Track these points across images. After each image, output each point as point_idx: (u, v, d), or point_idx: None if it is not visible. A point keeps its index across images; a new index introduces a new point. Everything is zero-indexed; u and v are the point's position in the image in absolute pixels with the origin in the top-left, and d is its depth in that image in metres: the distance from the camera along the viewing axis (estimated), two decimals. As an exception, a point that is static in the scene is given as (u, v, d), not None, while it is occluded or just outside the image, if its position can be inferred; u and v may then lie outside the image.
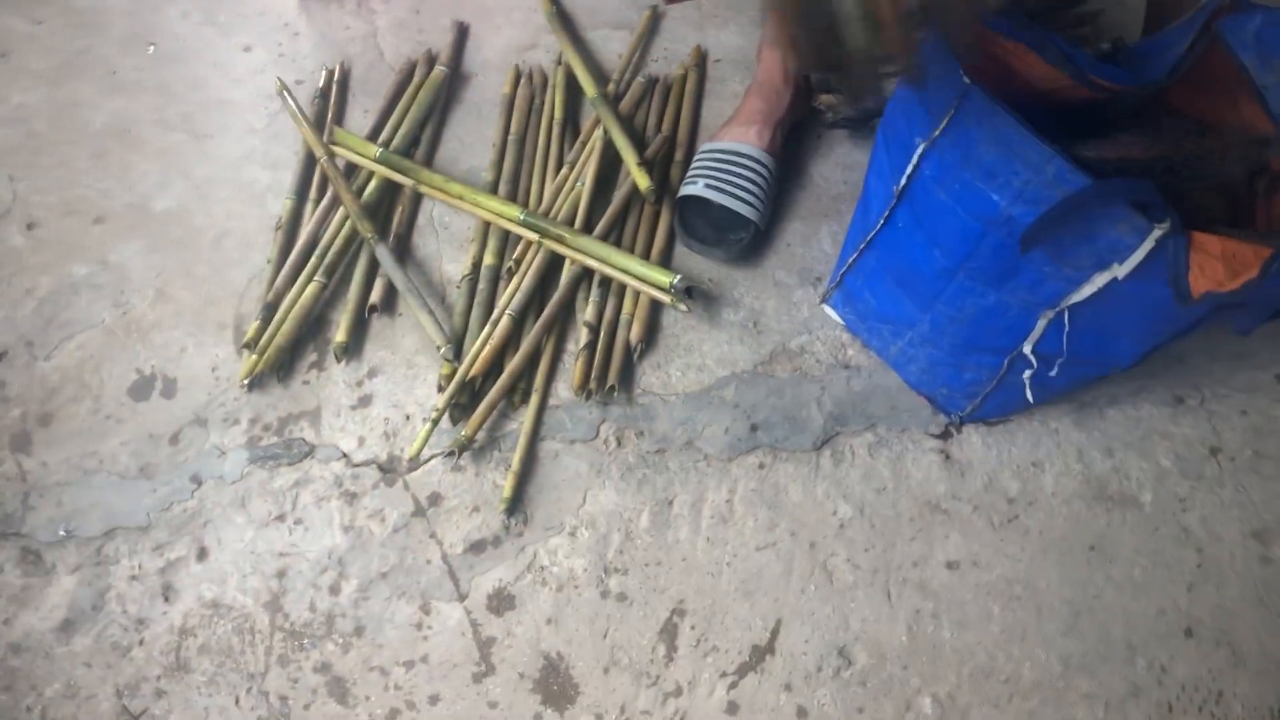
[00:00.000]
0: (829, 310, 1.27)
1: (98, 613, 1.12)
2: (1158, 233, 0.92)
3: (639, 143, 1.38)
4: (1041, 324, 1.06)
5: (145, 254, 1.37)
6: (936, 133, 1.00)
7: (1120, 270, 0.97)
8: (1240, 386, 1.23)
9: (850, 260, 1.19)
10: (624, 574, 1.13)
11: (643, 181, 1.28)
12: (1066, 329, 1.06)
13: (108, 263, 1.36)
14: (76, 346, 1.29)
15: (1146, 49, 1.15)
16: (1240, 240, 0.92)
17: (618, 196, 1.30)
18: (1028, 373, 1.11)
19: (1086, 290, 1.00)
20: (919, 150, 1.03)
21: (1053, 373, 1.10)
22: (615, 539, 1.15)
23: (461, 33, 1.56)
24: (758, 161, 1.30)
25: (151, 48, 1.60)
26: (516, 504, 1.16)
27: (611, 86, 1.44)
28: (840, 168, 1.39)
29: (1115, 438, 1.20)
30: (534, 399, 1.21)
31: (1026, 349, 1.09)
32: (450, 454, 1.17)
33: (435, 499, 1.17)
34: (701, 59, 1.50)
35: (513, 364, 1.21)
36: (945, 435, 1.21)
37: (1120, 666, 1.06)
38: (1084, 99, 1.15)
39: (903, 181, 1.07)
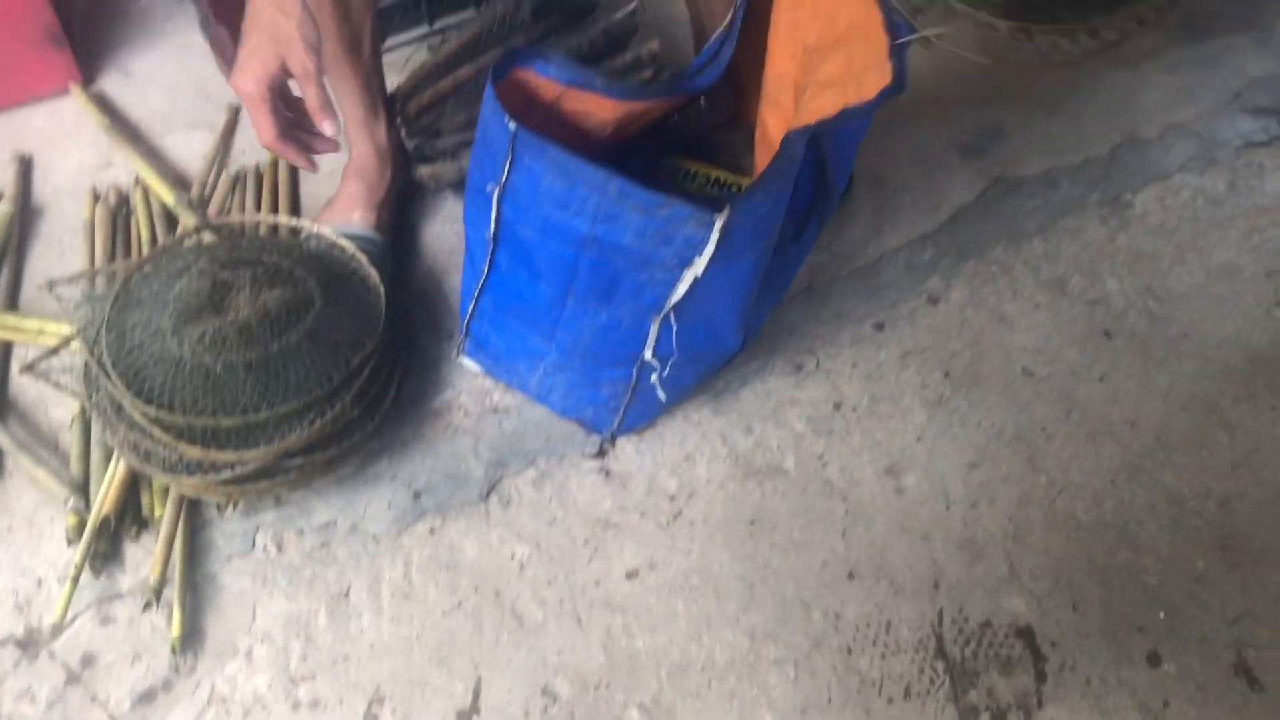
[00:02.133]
0: (467, 361, 1.28)
1: None
2: (719, 221, 1.00)
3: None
4: (654, 329, 1.11)
5: None
6: (503, 178, 1.04)
7: (701, 263, 1.04)
8: (846, 342, 1.35)
9: (470, 309, 1.21)
10: (312, 680, 1.08)
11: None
12: (675, 328, 1.12)
13: None
14: None
15: (694, 65, 1.26)
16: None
17: None
18: (654, 375, 1.16)
19: (681, 289, 1.07)
20: (494, 196, 1.06)
21: (675, 371, 1.16)
22: (296, 646, 1.10)
23: (25, 165, 1.46)
24: (368, 239, 1.30)
25: None
26: (184, 640, 1.09)
27: (196, 189, 1.40)
28: (449, 221, 1.41)
29: (752, 414, 1.28)
30: (180, 527, 1.14)
31: (647, 355, 1.14)
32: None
33: (89, 659, 1.08)
34: (290, 144, 1.47)
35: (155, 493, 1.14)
36: (601, 453, 1.24)
37: (799, 624, 1.13)
38: (643, 126, 1.23)
39: (491, 227, 1.10)
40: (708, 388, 1.29)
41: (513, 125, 1.01)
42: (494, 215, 1.08)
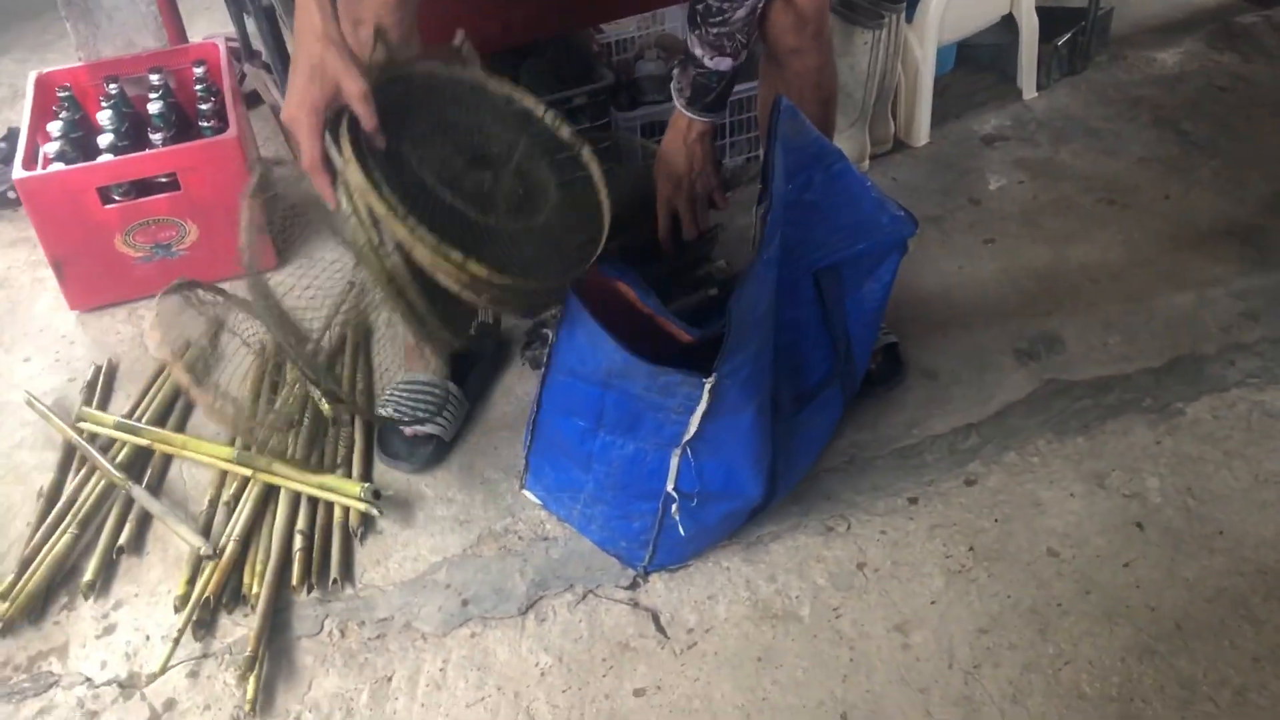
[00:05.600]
0: (528, 494, 1.46)
1: None
2: (709, 383, 1.17)
3: (333, 381, 1.58)
4: (675, 462, 1.28)
5: (-85, 537, 1.50)
6: (558, 328, 1.27)
7: (700, 412, 1.21)
8: (879, 512, 1.45)
9: (529, 443, 1.41)
10: (344, 747, 1.23)
11: (325, 410, 1.55)
12: (694, 464, 1.28)
13: (-123, 549, 1.49)
14: None
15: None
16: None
17: (307, 426, 1.54)
18: (675, 506, 1.30)
19: (692, 428, 1.23)
20: (549, 342, 1.29)
21: (695, 505, 1.31)
22: (336, 718, 1.25)
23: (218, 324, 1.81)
24: (430, 385, 1.55)
25: (-60, 371, 1.80)
26: (254, 702, 1.26)
27: (311, 345, 1.69)
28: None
29: (778, 566, 1.39)
30: (262, 606, 1.34)
31: (669, 487, 1.29)
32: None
33: (170, 705, 1.27)
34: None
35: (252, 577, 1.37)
36: (634, 586, 1.38)
37: (786, 753, 1.20)
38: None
39: (543, 370, 1.31)
40: (741, 538, 1.42)
41: (571, 292, 1.23)
42: (546, 359, 1.30)
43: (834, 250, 1.32)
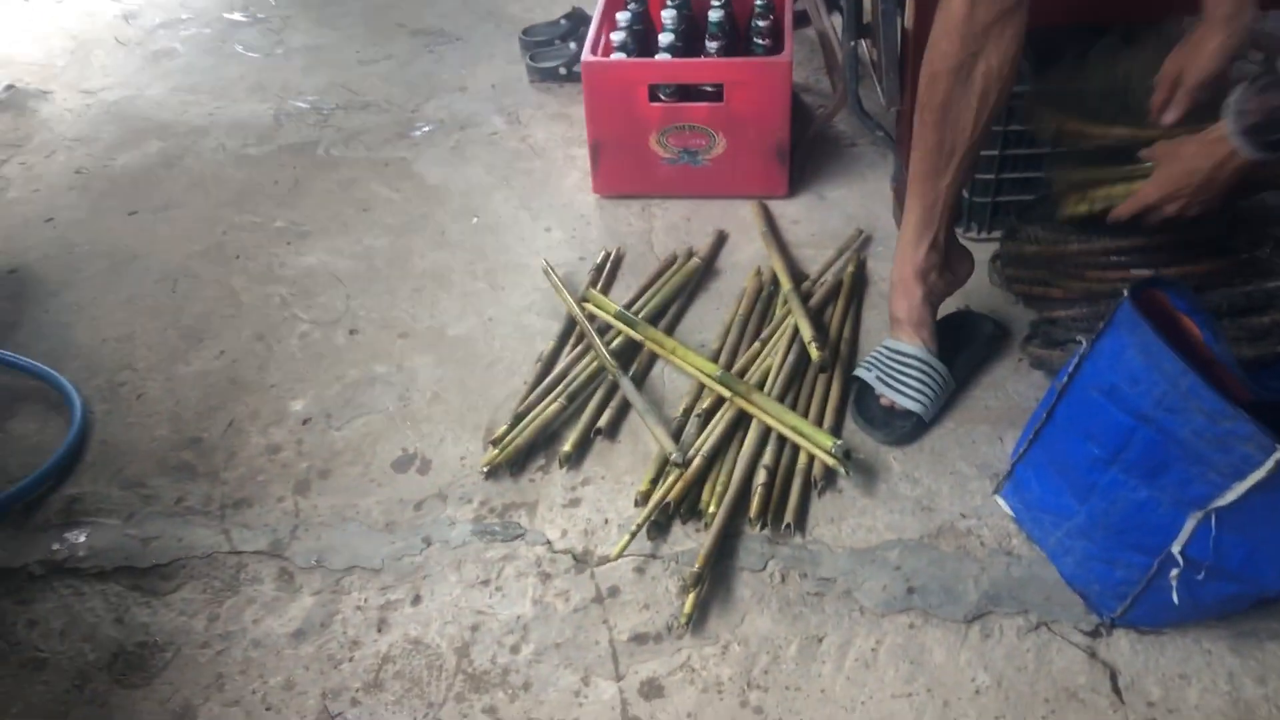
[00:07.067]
0: (1000, 501, 1.37)
1: (324, 629, 1.34)
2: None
3: (820, 327, 1.62)
4: (1190, 524, 1.13)
5: (433, 366, 1.68)
6: (1096, 338, 1.15)
7: (1249, 482, 1.05)
8: None
9: (1021, 451, 1.31)
10: (764, 691, 1.23)
11: (814, 354, 1.53)
12: (1214, 533, 1.13)
13: (402, 367, 1.68)
14: (362, 424, 1.59)
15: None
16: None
17: (789, 363, 1.55)
18: (1174, 572, 1.16)
19: (1230, 496, 1.08)
20: (1080, 352, 1.17)
21: (1199, 577, 1.16)
22: (763, 660, 1.26)
23: (720, 239, 1.85)
24: (919, 359, 1.48)
25: (475, 219, 1.99)
26: (690, 617, 1.29)
27: (806, 284, 1.69)
28: (1034, 387, 1.53)
29: (1271, 669, 1.21)
30: (716, 527, 1.36)
31: (1175, 549, 1.15)
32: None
33: (614, 591, 1.34)
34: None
35: (712, 499, 1.40)
36: (1094, 634, 1.26)
37: None
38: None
39: (1065, 379, 1.20)
40: (1231, 623, 1.25)
41: (1126, 293, 1.11)
42: (1072, 368, 1.19)
43: None
